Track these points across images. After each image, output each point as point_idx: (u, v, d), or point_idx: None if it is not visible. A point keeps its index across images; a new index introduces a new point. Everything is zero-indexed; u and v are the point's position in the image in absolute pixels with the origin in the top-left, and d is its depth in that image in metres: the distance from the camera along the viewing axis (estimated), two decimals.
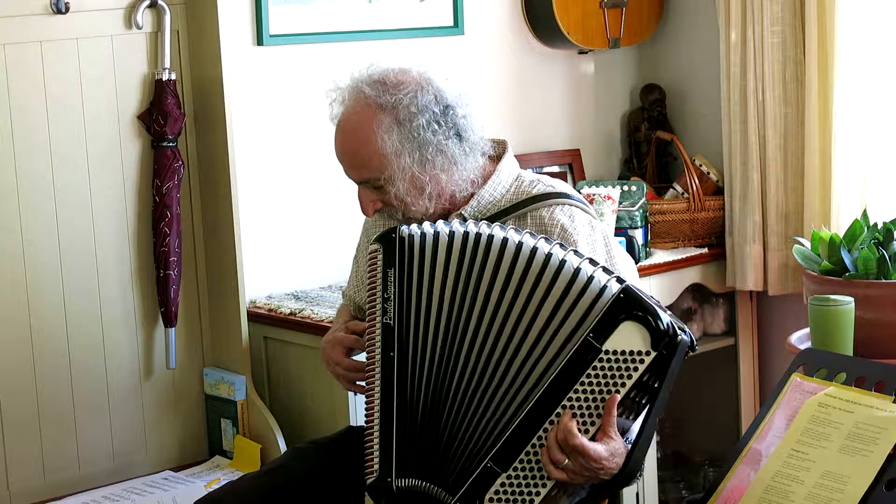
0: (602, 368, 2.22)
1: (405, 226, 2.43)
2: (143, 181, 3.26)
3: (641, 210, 3.82)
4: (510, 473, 2.24)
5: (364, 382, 2.40)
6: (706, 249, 3.94)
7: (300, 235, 3.62)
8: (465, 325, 2.32)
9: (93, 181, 3.19)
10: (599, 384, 2.22)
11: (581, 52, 4.13)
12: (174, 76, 3.24)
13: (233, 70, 3.33)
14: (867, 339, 2.83)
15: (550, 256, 2.29)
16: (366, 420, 2.34)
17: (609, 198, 3.70)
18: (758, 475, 2.10)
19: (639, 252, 3.74)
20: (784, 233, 3.83)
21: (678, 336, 2.21)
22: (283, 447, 3.21)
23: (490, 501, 2.24)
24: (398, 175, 2.48)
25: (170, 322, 3.28)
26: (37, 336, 3.13)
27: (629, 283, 2.26)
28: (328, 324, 3.07)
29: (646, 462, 2.32)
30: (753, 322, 4.03)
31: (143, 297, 3.28)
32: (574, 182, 4.04)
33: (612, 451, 2.22)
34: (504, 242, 2.33)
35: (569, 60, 4.16)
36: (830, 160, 3.67)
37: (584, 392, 2.22)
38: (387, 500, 2.30)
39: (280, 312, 3.37)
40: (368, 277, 2.41)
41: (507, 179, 2.59)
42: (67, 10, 3.10)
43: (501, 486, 2.24)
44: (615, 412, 2.21)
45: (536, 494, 2.24)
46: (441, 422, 2.30)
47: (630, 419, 2.28)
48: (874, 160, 3.69)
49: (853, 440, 2.05)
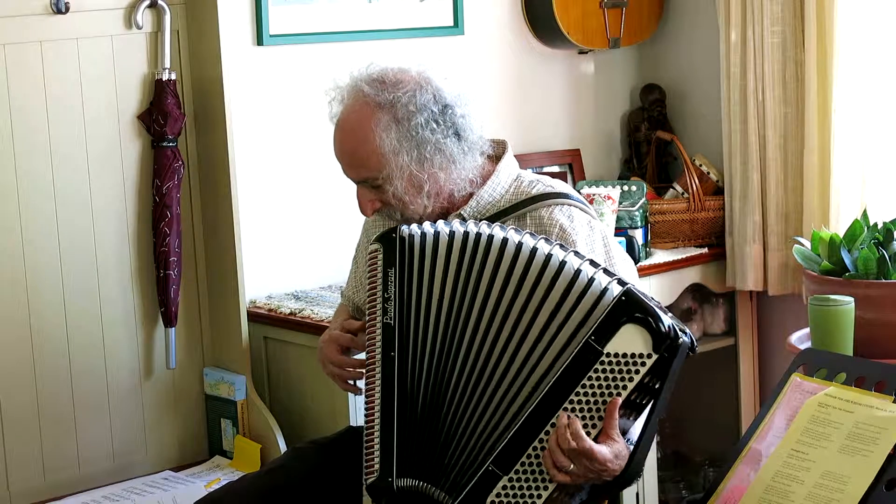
0: (604, 371, 2.21)
1: (405, 226, 2.43)
2: (143, 181, 3.26)
3: (641, 210, 3.81)
4: (512, 476, 2.23)
5: (362, 382, 2.40)
6: (706, 249, 3.94)
7: (300, 235, 3.62)
8: (465, 324, 2.31)
9: (93, 181, 3.19)
10: (601, 387, 2.21)
11: (581, 52, 4.12)
12: (174, 76, 3.24)
13: (233, 70, 3.33)
14: (867, 339, 2.83)
15: (551, 257, 2.29)
16: (366, 420, 2.33)
17: (609, 198, 3.69)
18: (758, 475, 2.10)
19: (639, 252, 3.74)
20: (784, 233, 3.83)
21: (679, 338, 2.20)
22: (283, 447, 3.21)
23: None
24: (396, 174, 2.47)
25: (170, 322, 3.28)
26: (37, 336, 3.13)
27: (630, 286, 2.26)
28: (328, 324, 3.06)
29: (646, 462, 2.32)
30: (753, 322, 4.03)
31: (143, 297, 3.28)
32: (574, 182, 4.04)
33: (616, 454, 2.22)
34: (504, 242, 2.32)
35: (569, 60, 4.15)
36: (830, 160, 3.67)
37: (586, 395, 2.22)
38: (387, 500, 2.30)
39: (280, 312, 3.37)
40: (369, 277, 2.41)
41: (507, 179, 2.58)
42: (67, 10, 3.09)
43: (503, 489, 2.23)
44: (617, 415, 2.21)
45: (538, 497, 2.23)
46: (442, 422, 2.30)
47: (631, 419, 2.28)
48: (874, 160, 3.69)
49: (853, 440, 2.05)
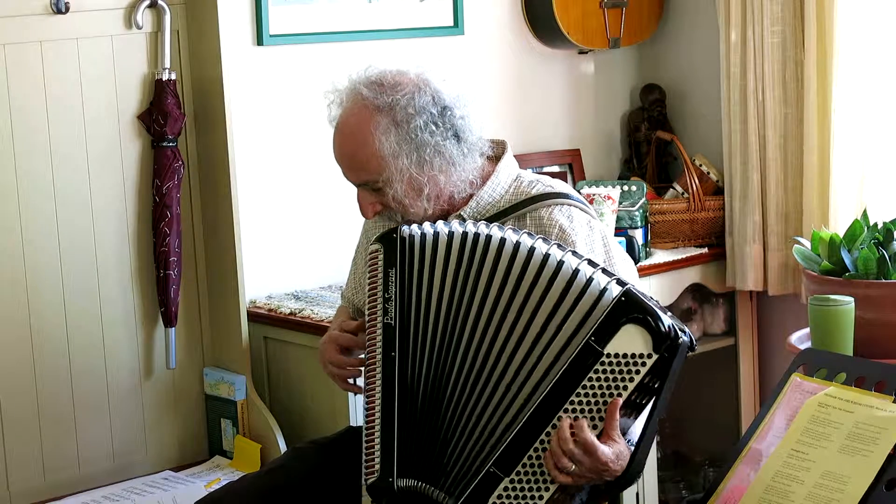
0: (604, 372, 2.21)
1: (405, 226, 2.42)
2: (143, 181, 3.26)
3: (641, 210, 3.81)
4: (513, 478, 2.23)
5: (361, 382, 2.39)
6: (706, 249, 3.94)
7: (300, 235, 3.62)
8: (464, 324, 2.31)
9: (93, 181, 3.19)
10: (601, 387, 2.21)
11: (581, 52, 4.12)
12: (174, 76, 3.24)
13: (233, 70, 3.32)
14: (867, 339, 2.83)
15: (549, 257, 2.29)
16: (366, 419, 2.33)
17: (609, 198, 3.69)
18: (758, 475, 2.10)
19: (639, 252, 3.74)
20: (784, 233, 3.83)
21: (679, 338, 2.20)
22: (283, 447, 3.21)
23: None
24: (396, 177, 2.47)
25: (170, 322, 3.28)
26: (37, 336, 3.13)
27: (630, 286, 2.26)
28: (328, 324, 3.06)
29: (646, 462, 2.32)
30: (753, 322, 4.03)
31: (143, 297, 3.28)
32: (574, 182, 4.04)
33: (618, 454, 2.22)
34: (502, 242, 2.32)
35: (569, 60, 4.15)
36: (829, 160, 3.67)
37: (586, 396, 2.22)
38: (387, 501, 2.29)
39: (280, 312, 3.37)
40: (369, 277, 2.40)
41: (506, 180, 2.58)
42: (67, 10, 3.09)
43: (504, 491, 2.23)
44: (618, 415, 2.20)
45: (539, 498, 2.23)
46: (442, 422, 2.30)
47: (631, 419, 2.28)
48: (873, 160, 3.69)
49: (853, 440, 2.04)
